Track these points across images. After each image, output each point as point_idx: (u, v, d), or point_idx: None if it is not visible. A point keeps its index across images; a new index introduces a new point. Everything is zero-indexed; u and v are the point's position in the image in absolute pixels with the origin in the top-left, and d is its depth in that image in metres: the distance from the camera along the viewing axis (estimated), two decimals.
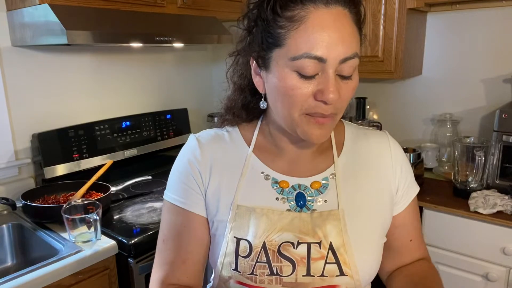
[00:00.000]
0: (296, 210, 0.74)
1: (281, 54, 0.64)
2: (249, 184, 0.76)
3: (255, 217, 0.73)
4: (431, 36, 1.94)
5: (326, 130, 0.68)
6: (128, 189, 1.77)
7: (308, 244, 0.71)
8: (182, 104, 2.27)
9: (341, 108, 0.68)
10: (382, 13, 1.74)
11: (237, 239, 0.72)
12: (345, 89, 0.65)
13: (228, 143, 0.80)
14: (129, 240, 1.32)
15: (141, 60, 2.08)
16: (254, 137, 0.79)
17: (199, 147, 0.79)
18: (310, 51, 0.61)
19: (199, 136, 0.82)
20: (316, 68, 0.62)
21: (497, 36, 1.77)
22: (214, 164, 0.77)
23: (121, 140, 1.90)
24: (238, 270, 0.72)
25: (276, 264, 0.70)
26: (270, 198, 0.75)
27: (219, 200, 0.76)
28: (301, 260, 0.70)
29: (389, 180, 0.79)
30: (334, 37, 0.61)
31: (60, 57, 1.75)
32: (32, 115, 1.68)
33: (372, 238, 0.75)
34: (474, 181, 1.61)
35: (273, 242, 0.71)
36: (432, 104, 1.99)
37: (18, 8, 1.47)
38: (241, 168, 0.77)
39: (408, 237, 0.83)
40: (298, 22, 0.62)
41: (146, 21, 1.64)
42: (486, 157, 1.58)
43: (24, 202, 1.43)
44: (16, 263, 1.47)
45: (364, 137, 0.82)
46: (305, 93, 0.64)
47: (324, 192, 0.75)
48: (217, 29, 1.93)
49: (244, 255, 0.71)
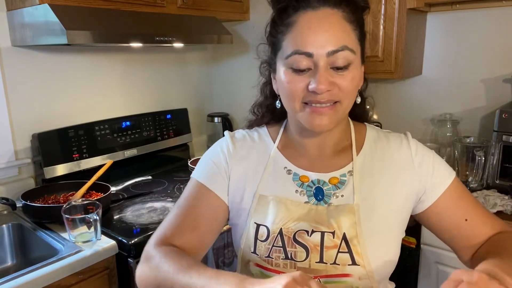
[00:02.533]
0: (314, 203, 0.79)
1: (280, 55, 0.75)
2: (271, 176, 0.83)
3: (274, 205, 0.79)
4: (431, 36, 1.94)
5: (327, 119, 0.73)
6: (128, 189, 1.77)
7: (322, 232, 0.76)
8: (182, 104, 2.27)
9: (343, 97, 0.73)
10: (382, 13, 1.74)
11: (257, 224, 0.79)
12: (341, 80, 0.71)
13: (256, 141, 0.88)
14: (129, 240, 1.32)
15: (141, 60, 2.08)
16: (279, 135, 0.87)
17: (231, 142, 0.87)
18: (298, 48, 0.70)
19: (234, 133, 0.91)
20: (308, 63, 0.71)
21: (497, 36, 1.77)
22: (242, 157, 0.85)
23: (121, 140, 1.90)
24: (256, 253, 0.78)
25: (290, 249, 0.76)
26: (290, 190, 0.81)
27: (244, 190, 0.83)
28: (315, 247, 0.76)
29: (412, 179, 0.81)
30: (319, 33, 0.69)
31: (60, 57, 1.75)
32: (32, 115, 1.68)
33: (385, 233, 0.78)
34: (474, 181, 1.61)
35: (289, 229, 0.77)
36: (432, 104, 1.99)
37: (18, 8, 1.47)
38: (265, 162, 0.84)
39: (460, 218, 0.81)
40: (291, 26, 0.72)
41: (146, 21, 1.64)
42: (486, 157, 1.58)
43: (24, 202, 1.43)
44: (16, 263, 1.47)
45: (384, 139, 0.86)
46: (299, 86, 0.72)
47: (341, 188, 0.80)
48: (217, 29, 1.93)
49: (262, 239, 0.78)
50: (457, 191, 0.83)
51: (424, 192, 0.82)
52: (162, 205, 1.62)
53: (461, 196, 0.83)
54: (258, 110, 0.92)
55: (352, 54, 0.71)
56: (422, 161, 0.82)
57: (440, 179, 0.82)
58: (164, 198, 1.70)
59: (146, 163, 2.04)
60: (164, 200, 1.68)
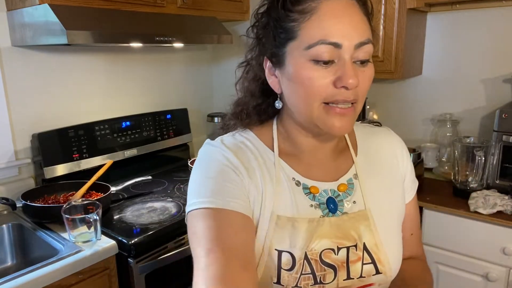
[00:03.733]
0: (329, 215, 0.73)
1: (295, 46, 0.65)
2: (283, 191, 0.72)
3: (295, 227, 0.70)
4: (431, 36, 1.94)
5: (347, 121, 0.67)
6: (128, 189, 1.77)
7: (347, 248, 0.71)
8: (182, 104, 2.27)
9: (361, 97, 0.67)
10: (382, 13, 1.74)
11: (279, 251, 0.68)
12: (363, 76, 0.66)
13: (252, 149, 0.74)
14: (129, 240, 1.32)
15: (141, 60, 2.08)
16: (275, 140, 0.76)
17: (229, 151, 0.72)
18: (325, 38, 0.62)
19: (223, 140, 0.75)
20: (332, 54, 0.63)
21: (497, 36, 1.77)
22: (248, 169, 0.71)
23: (121, 140, 1.90)
24: (281, 283, 0.68)
25: (320, 273, 0.69)
26: (305, 206, 0.72)
27: (259, 210, 0.70)
28: (342, 264, 0.71)
29: (400, 172, 0.81)
30: (346, 23, 0.63)
31: (60, 57, 1.75)
32: (32, 115, 1.68)
33: (397, 232, 0.78)
34: (474, 181, 1.61)
35: (314, 251, 0.69)
36: (432, 104, 1.99)
37: (18, 8, 1.47)
38: (273, 174, 0.73)
39: (410, 231, 0.84)
40: (310, 13, 0.64)
41: (146, 21, 1.64)
42: (486, 157, 1.58)
43: (24, 202, 1.43)
44: (16, 263, 1.47)
45: (372, 134, 0.83)
46: (323, 82, 0.64)
47: (351, 194, 0.75)
48: (217, 29, 1.93)
49: (287, 268, 0.68)
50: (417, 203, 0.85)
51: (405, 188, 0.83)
52: (162, 205, 1.62)
53: (417, 208, 0.86)
54: (242, 112, 0.78)
55: (373, 47, 0.66)
56: (407, 156, 0.83)
57: (413, 180, 0.84)
58: (164, 198, 1.70)
59: (146, 163, 2.04)
60: (164, 200, 1.68)
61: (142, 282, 1.35)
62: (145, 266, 1.34)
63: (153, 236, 1.37)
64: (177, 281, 1.49)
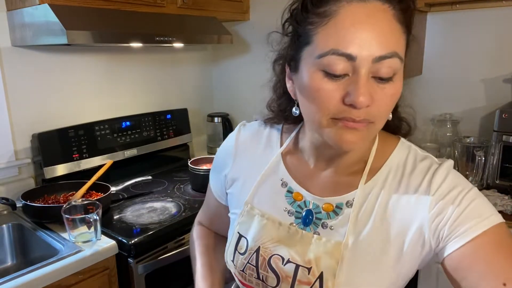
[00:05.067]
0: (299, 226, 0.70)
1: (309, 52, 0.59)
2: (265, 186, 0.76)
3: (258, 220, 0.74)
4: (431, 36, 1.94)
5: (359, 136, 0.59)
6: (128, 189, 1.77)
7: (297, 265, 0.68)
8: (182, 104, 2.27)
9: (378, 117, 0.59)
10: None
11: (240, 234, 0.76)
12: (381, 95, 0.57)
13: (262, 140, 0.81)
14: (129, 240, 1.32)
15: (141, 60, 2.08)
16: (287, 141, 0.77)
17: (235, 139, 0.83)
18: (338, 47, 0.55)
19: (243, 127, 0.85)
20: (346, 67, 0.56)
21: (497, 36, 1.77)
22: (241, 158, 0.81)
23: (121, 140, 1.90)
24: (234, 263, 0.76)
25: (262, 272, 0.72)
26: (279, 206, 0.73)
27: (239, 194, 0.80)
28: (286, 278, 0.69)
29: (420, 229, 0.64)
30: (366, 33, 0.55)
31: (60, 57, 1.75)
32: (32, 115, 1.68)
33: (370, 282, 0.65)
34: (474, 181, 1.61)
35: (267, 250, 0.71)
36: (432, 104, 1.99)
37: (18, 8, 1.47)
38: (263, 168, 0.77)
39: (499, 280, 0.56)
40: (328, 17, 0.57)
41: (146, 21, 1.64)
42: (486, 157, 1.58)
43: (24, 202, 1.43)
44: (16, 263, 1.46)
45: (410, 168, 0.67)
46: (331, 95, 0.57)
47: (333, 218, 0.68)
48: (217, 29, 1.93)
49: (240, 252, 0.75)
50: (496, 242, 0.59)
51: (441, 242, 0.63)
52: (162, 205, 1.62)
53: (500, 249, 0.59)
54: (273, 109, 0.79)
55: (400, 62, 0.57)
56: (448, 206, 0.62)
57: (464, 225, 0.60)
58: (164, 198, 1.70)
59: (146, 163, 2.04)
60: (164, 200, 1.68)
61: (142, 282, 1.35)
62: (145, 266, 1.34)
63: (153, 236, 1.37)
64: (177, 281, 1.49)
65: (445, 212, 0.62)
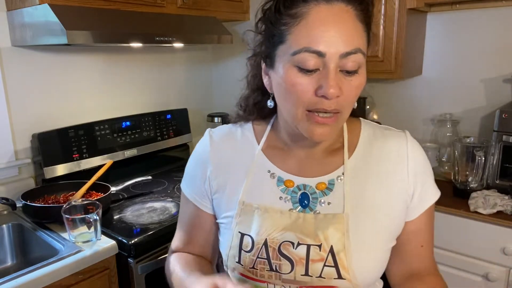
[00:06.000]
0: (299, 210, 0.75)
1: (284, 50, 0.66)
2: (255, 182, 0.78)
3: (258, 215, 0.76)
4: (431, 36, 1.94)
5: (328, 129, 0.67)
6: (128, 189, 1.77)
7: (307, 245, 0.72)
8: (182, 104, 2.27)
9: (346, 106, 0.67)
10: (382, 13, 1.74)
11: (241, 234, 0.76)
12: (348, 86, 0.65)
13: (238, 140, 0.83)
14: (129, 240, 1.32)
15: (141, 60, 2.08)
16: (265, 135, 0.81)
17: (209, 144, 0.84)
18: (309, 45, 0.62)
19: (213, 132, 0.86)
20: (317, 62, 0.63)
21: (497, 36, 1.77)
22: (221, 161, 0.82)
23: (121, 140, 1.90)
24: (240, 263, 0.76)
25: (275, 262, 0.73)
26: (274, 196, 0.77)
27: (229, 196, 0.80)
28: (300, 260, 0.72)
29: (404, 185, 0.76)
30: (333, 31, 0.62)
31: (60, 57, 1.75)
32: (32, 115, 1.68)
33: (375, 243, 0.74)
34: (474, 181, 1.61)
35: (275, 240, 0.73)
36: (432, 104, 1.99)
37: (18, 8, 1.47)
38: (248, 166, 0.79)
39: (420, 242, 0.80)
40: (299, 18, 0.64)
41: (146, 21, 1.64)
42: (486, 157, 1.58)
43: (24, 202, 1.43)
44: (16, 263, 1.47)
45: (381, 138, 0.79)
46: (306, 89, 0.64)
47: (328, 194, 0.75)
48: (217, 29, 1.93)
49: (246, 250, 0.75)
50: (432, 213, 0.80)
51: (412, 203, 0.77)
52: (162, 205, 1.62)
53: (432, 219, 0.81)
54: (246, 105, 0.84)
55: (363, 57, 0.65)
56: (420, 169, 0.77)
57: (426, 193, 0.77)
58: (164, 198, 1.70)
59: (146, 163, 2.04)
60: (164, 200, 1.68)
61: (142, 282, 1.35)
62: (145, 266, 1.34)
63: (153, 236, 1.37)
64: None
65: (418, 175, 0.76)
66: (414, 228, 0.79)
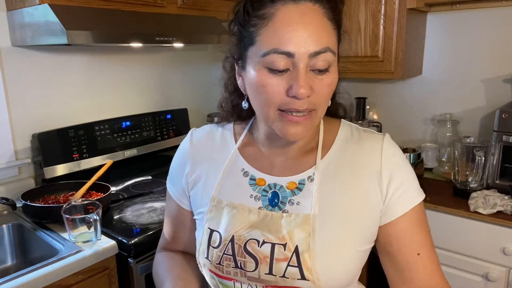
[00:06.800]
0: (268, 209, 0.75)
1: (254, 51, 0.66)
2: (228, 179, 0.80)
3: (228, 211, 0.77)
4: (431, 36, 1.94)
5: (302, 128, 0.67)
6: (128, 189, 1.77)
7: (272, 244, 0.72)
8: (182, 104, 2.27)
9: (318, 105, 0.67)
10: (382, 13, 1.74)
11: (211, 230, 0.77)
12: (319, 85, 0.65)
13: (217, 140, 0.85)
14: (129, 240, 1.32)
15: (141, 60, 2.08)
16: (243, 135, 0.83)
17: (189, 142, 0.86)
18: (278, 47, 0.62)
19: (195, 131, 0.89)
20: (286, 63, 0.63)
21: (497, 36, 1.77)
22: (198, 159, 0.84)
23: (121, 140, 1.90)
24: (208, 259, 0.76)
25: (240, 259, 0.73)
26: (245, 194, 0.77)
27: (202, 193, 0.82)
28: (264, 258, 0.72)
29: (376, 186, 0.73)
30: (302, 31, 0.62)
31: (60, 57, 1.75)
32: (32, 115, 1.68)
33: (344, 245, 0.72)
34: (474, 181, 1.61)
35: (242, 237, 0.74)
36: (432, 104, 1.99)
37: (18, 8, 1.47)
38: (224, 164, 0.81)
39: (414, 250, 0.74)
40: (267, 19, 0.64)
41: (146, 21, 1.64)
42: (486, 157, 1.58)
43: (24, 202, 1.43)
44: (16, 263, 1.47)
45: (357, 140, 0.77)
46: (277, 90, 0.64)
47: (298, 194, 0.75)
48: (217, 29, 1.93)
49: (214, 246, 0.76)
50: (420, 218, 0.75)
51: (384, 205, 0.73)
52: (162, 205, 1.62)
53: (421, 225, 0.75)
54: (225, 107, 0.85)
55: (333, 56, 0.65)
56: (394, 171, 0.73)
57: (403, 196, 0.73)
58: (164, 198, 1.70)
59: (146, 163, 2.04)
60: (164, 200, 1.67)
61: (142, 282, 1.35)
62: (145, 266, 1.34)
63: (153, 236, 1.37)
64: None
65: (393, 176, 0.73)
66: (395, 231, 0.74)
